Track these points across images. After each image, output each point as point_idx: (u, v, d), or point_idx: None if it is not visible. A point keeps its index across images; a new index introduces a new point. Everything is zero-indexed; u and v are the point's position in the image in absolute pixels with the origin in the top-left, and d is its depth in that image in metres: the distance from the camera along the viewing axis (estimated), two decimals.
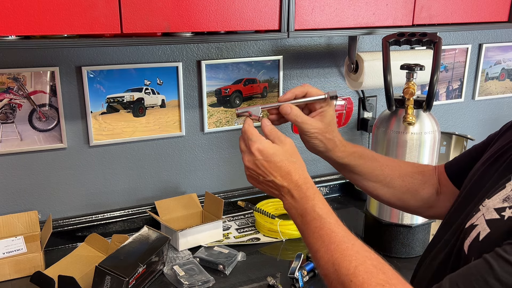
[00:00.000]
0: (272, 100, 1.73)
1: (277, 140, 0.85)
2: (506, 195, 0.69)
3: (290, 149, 0.85)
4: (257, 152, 0.83)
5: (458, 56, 2.02)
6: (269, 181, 0.83)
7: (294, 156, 0.84)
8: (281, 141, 0.85)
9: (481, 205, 0.73)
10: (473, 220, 0.72)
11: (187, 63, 1.58)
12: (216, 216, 1.54)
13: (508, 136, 0.84)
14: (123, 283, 1.18)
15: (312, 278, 1.32)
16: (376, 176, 1.05)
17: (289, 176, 0.82)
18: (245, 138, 0.86)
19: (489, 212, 0.69)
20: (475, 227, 0.70)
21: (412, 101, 1.31)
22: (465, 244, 0.71)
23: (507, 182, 0.71)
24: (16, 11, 1.01)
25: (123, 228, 1.59)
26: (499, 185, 0.73)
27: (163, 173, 1.64)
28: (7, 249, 1.31)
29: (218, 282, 1.31)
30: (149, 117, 1.56)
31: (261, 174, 0.84)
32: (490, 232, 0.67)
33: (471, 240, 0.70)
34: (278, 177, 0.82)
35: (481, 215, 0.71)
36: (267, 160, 0.83)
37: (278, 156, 0.83)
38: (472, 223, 0.72)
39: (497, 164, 0.80)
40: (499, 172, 0.77)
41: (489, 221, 0.68)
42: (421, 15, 1.45)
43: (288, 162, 0.83)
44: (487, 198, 0.73)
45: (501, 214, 0.67)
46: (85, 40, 1.13)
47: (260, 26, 1.26)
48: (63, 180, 1.51)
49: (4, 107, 1.38)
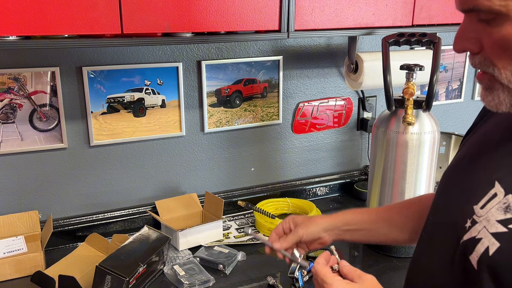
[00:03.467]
0: (272, 101, 1.73)
1: (357, 278, 0.83)
2: (505, 205, 0.67)
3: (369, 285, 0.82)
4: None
5: (458, 56, 2.03)
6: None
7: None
8: (360, 278, 0.82)
9: (474, 215, 0.71)
10: (473, 233, 0.70)
11: (187, 63, 1.58)
12: (216, 216, 1.55)
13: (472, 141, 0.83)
14: (123, 282, 1.18)
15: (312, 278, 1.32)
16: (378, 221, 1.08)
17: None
18: (319, 280, 0.85)
19: (491, 225, 0.68)
20: (479, 240, 0.68)
21: (411, 101, 1.32)
22: (472, 259, 0.69)
23: (492, 188, 0.69)
24: (16, 11, 1.01)
25: (123, 228, 1.59)
26: (484, 191, 0.71)
27: (163, 173, 1.64)
28: (8, 249, 1.31)
29: (218, 282, 1.32)
30: (149, 117, 1.56)
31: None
32: (500, 247, 0.66)
33: (479, 255, 0.68)
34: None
35: (482, 227, 0.69)
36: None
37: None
38: (474, 237, 0.70)
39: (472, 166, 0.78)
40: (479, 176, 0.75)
41: (495, 234, 0.67)
42: (421, 15, 1.45)
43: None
44: (477, 207, 0.71)
45: (508, 227, 0.66)
46: (86, 40, 1.13)
47: (260, 27, 1.26)
48: (64, 180, 1.51)
49: (5, 107, 1.38)
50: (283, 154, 1.82)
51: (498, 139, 0.75)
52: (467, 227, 0.72)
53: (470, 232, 0.71)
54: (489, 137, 0.78)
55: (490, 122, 0.82)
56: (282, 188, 1.82)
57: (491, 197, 0.69)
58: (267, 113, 1.74)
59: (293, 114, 1.79)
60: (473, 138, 0.84)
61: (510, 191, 0.67)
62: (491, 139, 0.77)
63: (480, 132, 0.83)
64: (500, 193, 0.68)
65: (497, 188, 0.69)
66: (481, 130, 0.82)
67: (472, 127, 0.88)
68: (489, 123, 0.81)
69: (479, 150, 0.79)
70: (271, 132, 1.78)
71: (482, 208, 0.70)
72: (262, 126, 1.75)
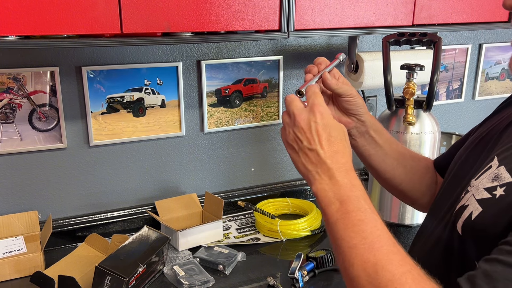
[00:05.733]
0: (272, 101, 1.73)
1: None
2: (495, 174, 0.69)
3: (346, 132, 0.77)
4: (319, 114, 0.74)
5: (458, 56, 2.02)
6: (311, 149, 0.73)
7: (348, 141, 0.77)
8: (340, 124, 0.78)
9: (468, 186, 0.73)
10: (463, 202, 0.72)
11: (187, 63, 1.58)
12: (216, 216, 1.54)
13: (488, 123, 0.85)
14: (123, 283, 1.18)
15: (312, 278, 1.32)
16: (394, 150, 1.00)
17: (336, 155, 0.73)
18: (309, 96, 0.78)
19: (478, 192, 0.70)
20: (466, 207, 0.71)
21: (412, 101, 1.32)
22: (458, 225, 0.71)
23: (491, 161, 0.72)
24: (16, 11, 1.01)
25: (123, 228, 1.59)
26: (484, 166, 0.73)
27: (163, 173, 1.64)
28: (7, 249, 1.31)
29: (218, 282, 1.31)
30: (149, 117, 1.56)
31: (308, 139, 0.74)
32: (482, 211, 0.67)
33: (463, 220, 0.70)
34: (324, 150, 0.72)
35: (470, 195, 0.71)
36: (324, 128, 0.73)
37: (335, 131, 0.74)
38: (463, 204, 0.72)
39: (480, 147, 0.80)
40: (483, 154, 0.77)
41: (480, 200, 0.69)
42: (421, 15, 1.45)
43: (341, 142, 0.74)
44: (473, 179, 0.73)
45: (492, 193, 0.67)
46: (85, 40, 1.13)
47: (260, 26, 1.26)
48: (63, 180, 1.51)
49: (4, 107, 1.38)
50: (283, 154, 1.82)
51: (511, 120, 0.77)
52: (461, 197, 0.74)
53: (461, 201, 0.73)
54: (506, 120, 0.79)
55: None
56: (282, 188, 1.82)
57: (486, 169, 0.72)
58: (267, 113, 1.74)
59: None
60: (492, 119, 0.86)
61: (503, 164, 0.69)
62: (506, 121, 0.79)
63: (500, 115, 0.84)
64: (494, 165, 0.71)
65: (494, 162, 0.71)
66: (502, 114, 0.84)
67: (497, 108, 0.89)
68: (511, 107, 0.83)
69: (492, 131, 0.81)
70: (271, 132, 1.77)
71: (476, 179, 0.73)
72: (262, 126, 1.75)
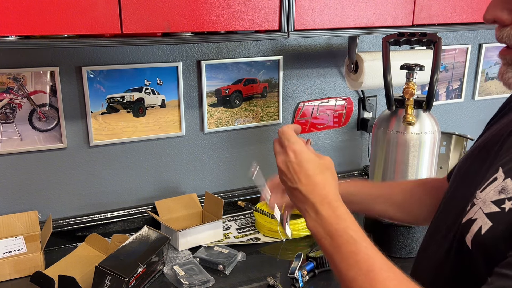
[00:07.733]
0: (272, 101, 1.73)
1: (316, 154, 0.80)
2: (501, 187, 0.68)
3: (327, 164, 0.79)
4: (292, 153, 0.78)
5: (458, 56, 2.02)
6: (294, 188, 0.77)
7: (329, 171, 0.78)
8: (320, 156, 0.79)
9: (474, 199, 0.72)
10: (470, 215, 0.72)
11: (187, 63, 1.58)
12: (216, 216, 1.54)
13: (490, 132, 0.84)
14: (123, 283, 1.18)
15: (312, 278, 1.32)
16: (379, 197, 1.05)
17: (316, 188, 0.75)
18: (283, 138, 0.81)
19: (486, 205, 0.69)
20: (474, 221, 0.70)
21: (412, 101, 1.32)
22: (467, 240, 0.70)
23: (496, 173, 0.71)
24: (16, 11, 1.01)
25: (123, 228, 1.59)
26: (488, 177, 0.72)
27: (163, 173, 1.64)
28: (7, 249, 1.31)
29: (218, 282, 1.31)
30: (149, 117, 1.56)
31: (290, 179, 0.78)
32: (492, 226, 0.66)
33: (473, 235, 0.69)
34: (304, 187, 0.76)
35: (478, 209, 0.70)
36: (299, 165, 0.77)
37: (312, 164, 0.77)
38: (470, 218, 0.71)
39: (482, 157, 0.79)
40: (486, 164, 0.76)
41: (489, 214, 0.68)
42: (421, 15, 1.45)
43: (320, 174, 0.76)
44: (478, 191, 0.72)
45: (501, 207, 0.66)
46: (85, 40, 1.13)
47: (260, 26, 1.26)
48: (63, 180, 1.51)
49: (4, 107, 1.38)
50: None
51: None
52: (467, 210, 0.73)
53: (468, 214, 0.72)
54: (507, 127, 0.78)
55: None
56: None
57: (492, 181, 0.71)
58: (267, 113, 1.74)
59: (293, 114, 1.79)
60: (493, 128, 0.85)
61: (509, 176, 0.68)
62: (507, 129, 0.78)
63: (501, 122, 0.83)
64: (500, 177, 0.69)
65: (499, 173, 0.70)
66: (503, 120, 0.83)
67: (496, 115, 0.88)
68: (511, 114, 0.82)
69: (493, 140, 0.80)
70: (271, 132, 1.77)
71: (481, 191, 0.72)
72: (262, 126, 1.75)
